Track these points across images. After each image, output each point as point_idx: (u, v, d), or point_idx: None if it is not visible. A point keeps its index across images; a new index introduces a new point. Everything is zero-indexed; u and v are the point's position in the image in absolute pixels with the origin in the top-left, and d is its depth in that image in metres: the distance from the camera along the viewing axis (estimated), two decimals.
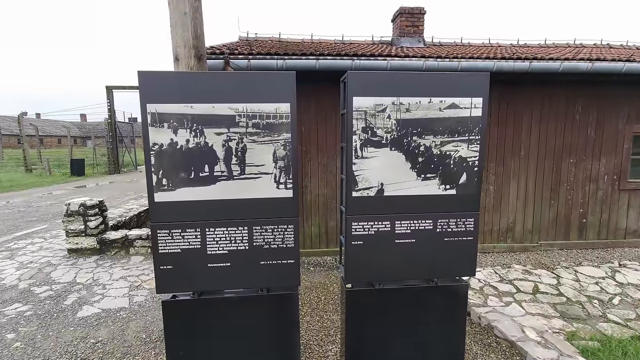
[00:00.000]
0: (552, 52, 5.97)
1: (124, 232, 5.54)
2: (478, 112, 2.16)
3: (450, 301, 2.34)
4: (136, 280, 4.43)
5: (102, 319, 3.50)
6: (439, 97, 2.12)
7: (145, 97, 1.90)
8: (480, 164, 2.23)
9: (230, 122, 1.98)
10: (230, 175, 2.03)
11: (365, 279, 2.30)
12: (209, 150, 1.99)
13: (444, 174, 2.21)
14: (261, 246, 2.10)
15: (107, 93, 16.26)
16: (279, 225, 2.09)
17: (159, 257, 2.04)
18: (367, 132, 2.12)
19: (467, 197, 2.25)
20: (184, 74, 1.97)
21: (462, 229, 2.26)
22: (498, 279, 4.44)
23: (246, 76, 2.00)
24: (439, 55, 4.93)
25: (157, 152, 1.96)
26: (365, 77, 2.08)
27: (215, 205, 2.03)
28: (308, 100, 5.05)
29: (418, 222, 2.23)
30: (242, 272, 2.11)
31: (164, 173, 1.98)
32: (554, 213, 5.63)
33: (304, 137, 5.12)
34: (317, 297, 3.97)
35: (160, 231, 2.02)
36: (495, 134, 5.39)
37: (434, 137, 2.17)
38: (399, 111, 2.12)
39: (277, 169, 2.05)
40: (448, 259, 2.28)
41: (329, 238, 5.37)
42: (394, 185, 2.18)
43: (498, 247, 5.61)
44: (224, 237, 2.07)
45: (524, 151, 5.45)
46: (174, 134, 1.95)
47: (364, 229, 2.20)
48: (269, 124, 2.01)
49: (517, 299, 3.89)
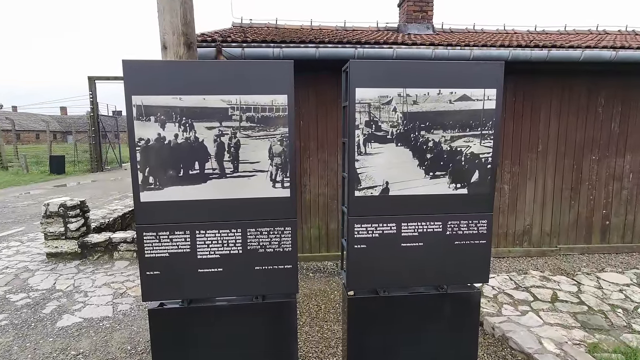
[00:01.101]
0: (572, 39, 5.96)
1: (108, 235, 5.54)
2: (492, 105, 2.16)
3: (461, 310, 2.34)
4: (120, 287, 4.44)
5: (83, 329, 3.51)
6: (449, 88, 2.12)
7: (131, 89, 1.90)
8: (494, 161, 2.22)
9: (222, 116, 1.98)
10: (223, 173, 2.03)
11: (368, 285, 2.29)
12: (200, 145, 1.99)
13: (454, 171, 2.20)
14: (256, 250, 2.10)
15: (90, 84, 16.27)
16: (275, 227, 2.09)
17: (145, 262, 2.04)
18: (370, 127, 2.12)
19: (480, 197, 2.24)
20: (173, 63, 1.97)
21: (474, 232, 2.26)
22: (513, 286, 4.44)
23: (240, 66, 1.99)
24: (449, 43, 4.93)
25: (143, 148, 1.95)
26: (369, 67, 2.07)
27: (206, 205, 2.03)
28: (307, 92, 5.05)
29: (426, 224, 2.23)
30: (235, 278, 2.11)
31: (151, 171, 1.98)
32: (574, 214, 5.63)
33: (303, 132, 5.13)
34: (317, 305, 3.97)
35: (146, 234, 2.02)
36: (510, 129, 5.38)
37: (444, 131, 2.16)
38: (406, 103, 2.12)
39: (273, 167, 2.05)
40: (459, 264, 2.28)
41: (330, 241, 5.38)
42: (400, 184, 2.18)
43: (513, 251, 5.62)
44: (215, 240, 2.07)
45: (541, 147, 5.45)
46: (161, 128, 1.95)
47: (368, 232, 2.19)
48: (264, 118, 2.01)
49: (534, 307, 3.90)
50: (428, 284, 2.33)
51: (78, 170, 17.09)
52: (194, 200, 2.02)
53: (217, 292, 2.14)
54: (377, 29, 7.02)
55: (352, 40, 4.86)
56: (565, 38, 6.17)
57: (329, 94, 5.07)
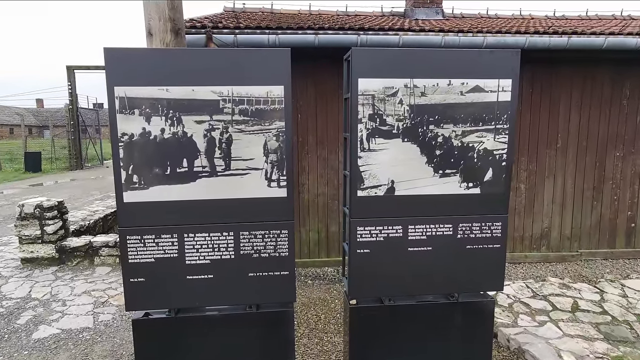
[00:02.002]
0: (594, 25, 5.96)
1: (88, 239, 5.54)
2: (507, 97, 2.16)
3: (474, 320, 2.35)
4: (102, 295, 4.44)
5: (61, 340, 3.51)
6: (460, 78, 2.12)
7: (113, 79, 1.90)
8: (509, 158, 2.22)
9: (213, 109, 1.98)
10: (213, 171, 2.03)
11: (372, 293, 2.30)
12: (188, 141, 1.99)
13: (466, 169, 2.21)
14: (249, 255, 2.10)
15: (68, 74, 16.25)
16: (270, 230, 2.09)
17: (128, 268, 2.04)
18: (375, 120, 2.12)
19: (494, 197, 2.24)
20: (159, 51, 1.98)
21: (488, 235, 2.27)
22: (530, 294, 4.45)
23: (232, 54, 1.99)
24: (460, 30, 4.93)
25: (127, 143, 1.95)
26: (372, 55, 2.07)
27: (195, 206, 2.03)
28: (305, 83, 5.04)
29: (435, 226, 2.23)
30: (227, 285, 2.11)
31: (135, 168, 1.98)
32: (596, 216, 5.64)
33: (301, 126, 5.13)
34: (316, 315, 3.98)
35: (130, 237, 2.02)
36: (526, 123, 5.39)
37: (455, 125, 2.17)
38: (413, 95, 2.12)
39: (268, 164, 2.05)
40: (471, 270, 2.28)
41: (330, 246, 5.38)
42: (406, 182, 2.18)
43: (530, 256, 5.63)
44: (205, 244, 2.07)
45: (561, 143, 5.45)
46: (146, 122, 1.95)
47: (372, 235, 2.20)
48: (258, 111, 2.01)
49: (553, 317, 3.91)
50: (437, 292, 2.34)
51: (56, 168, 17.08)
52: (182, 200, 2.02)
53: (207, 301, 2.13)
54: (382, 14, 7.02)
55: (354, 26, 4.86)
56: (586, 24, 6.17)
57: (330, 84, 5.07)
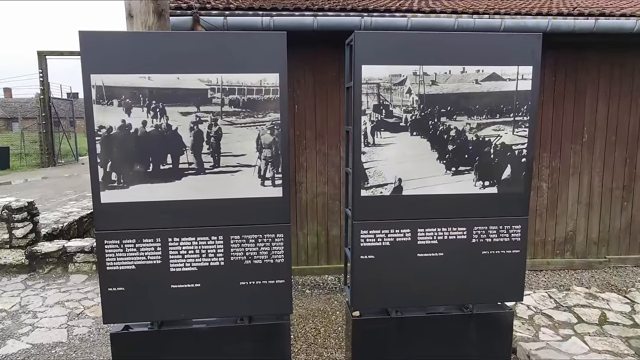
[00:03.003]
0: (624, 5, 5.96)
1: (61, 244, 5.54)
2: (527, 85, 2.16)
3: (490, 334, 2.35)
4: (77, 306, 4.44)
5: (32, 357, 3.51)
6: (475, 65, 2.12)
7: (89, 66, 1.90)
8: (530, 154, 2.23)
9: (200, 99, 1.98)
10: (201, 169, 2.03)
11: (377, 304, 2.30)
12: (173, 135, 1.99)
13: (481, 166, 2.21)
14: (241, 262, 2.10)
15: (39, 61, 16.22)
16: (264, 234, 2.10)
17: (106, 276, 2.04)
18: (380, 112, 2.12)
19: (513, 197, 2.25)
20: (140, 34, 1.98)
21: (506, 239, 2.27)
22: (553, 304, 4.46)
23: (222, 38, 2.00)
24: (475, 11, 4.92)
25: (105, 137, 1.96)
26: (378, 40, 2.07)
27: (180, 207, 2.03)
28: (303, 70, 5.04)
29: (447, 229, 2.23)
30: (215, 295, 2.11)
31: (114, 165, 1.98)
32: (627, 218, 5.64)
33: (298, 119, 5.12)
34: (315, 328, 3.98)
35: (108, 242, 2.02)
36: (549, 115, 5.38)
37: (469, 117, 2.17)
38: (423, 84, 2.12)
39: (262, 160, 2.05)
40: (487, 278, 2.29)
41: (331, 251, 5.39)
42: (415, 181, 2.18)
43: (553, 263, 5.63)
44: (192, 249, 2.07)
45: (587, 137, 5.45)
46: (126, 113, 1.95)
47: (377, 239, 2.20)
48: (251, 101, 2.01)
49: (579, 331, 3.91)
50: (449, 302, 2.34)
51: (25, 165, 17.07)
52: (166, 201, 2.02)
53: (194, 313, 2.13)
54: None
55: (357, 7, 4.85)
56: (615, 4, 6.16)
57: (330, 72, 5.07)
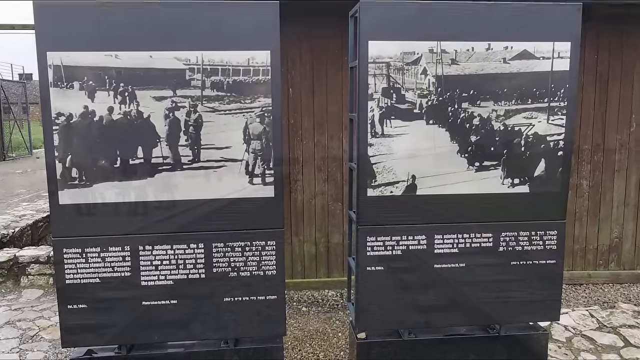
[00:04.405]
0: None
1: (12, 252, 5.51)
2: (564, 65, 2.13)
3: (521, 359, 2.34)
4: (31, 326, 4.41)
5: None
6: (502, 41, 2.10)
7: (45, 42, 1.88)
8: (568, 146, 2.21)
9: (177, 81, 1.96)
10: (178, 164, 2.01)
11: (386, 325, 2.29)
12: (144, 123, 1.97)
13: (510, 161, 2.19)
14: (225, 274, 2.09)
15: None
16: (253, 241, 2.08)
17: (66, 291, 2.02)
18: (390, 96, 2.10)
19: (547, 197, 2.23)
20: (105, 4, 1.95)
21: (539, 247, 2.25)
22: (595, 325, 4.44)
23: (203, 8, 1.96)
24: None
25: (64, 126, 1.93)
26: (387, 11, 2.04)
27: (154, 209, 2.02)
28: (299, 47, 5.00)
29: (470, 236, 2.21)
30: (195, 314, 2.10)
31: (75, 160, 1.96)
32: None
33: (293, 104, 5.09)
34: (313, 353, 3.96)
35: (68, 250, 1.99)
36: (590, 100, 5.35)
37: (495, 103, 2.14)
38: (441, 63, 2.09)
39: (250, 154, 2.04)
40: (517, 294, 2.27)
41: (332, 261, 5.36)
42: (431, 178, 2.16)
43: (595, 275, 5.61)
44: (167, 259, 2.05)
45: (635, 126, 5.43)
46: (89, 98, 1.93)
47: (386, 247, 2.18)
48: (237, 84, 1.99)
49: (625, 356, 3.89)
50: (472, 322, 2.33)
51: None
52: (136, 202, 2.01)
53: (170, 335, 2.12)
54: None
55: None
56: None
57: (331, 49, 5.03)
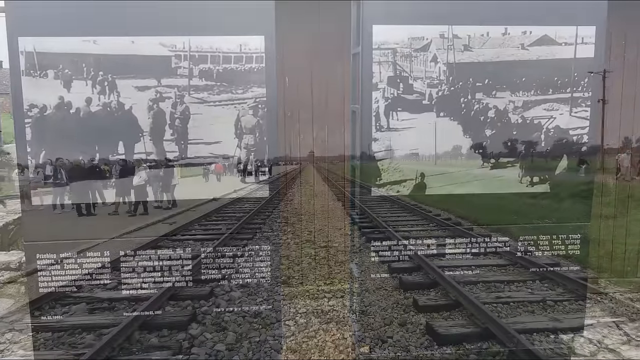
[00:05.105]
0: None
1: None
2: (588, 52, 2.14)
3: None
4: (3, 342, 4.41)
5: None
6: (520, 25, 2.10)
7: (16, 26, 1.89)
8: (592, 141, 2.23)
9: (162, 69, 1.96)
10: (163, 160, 2.02)
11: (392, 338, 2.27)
12: (126, 116, 1.98)
13: (529, 157, 2.19)
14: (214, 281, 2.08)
15: None
16: (245, 245, 2.10)
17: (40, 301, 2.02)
18: (397, 86, 2.10)
19: (570, 197, 2.24)
20: None
21: (561, 252, 2.25)
22: (623, 338, 4.42)
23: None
24: None
25: (37, 119, 1.93)
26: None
27: (136, 210, 2.04)
28: (296, 31, 5.01)
29: (485, 240, 2.21)
30: None
31: (49, 156, 1.97)
32: None
33: (289, 95, 5.08)
34: None
35: (41, 256, 1.98)
36: (618, 90, 5.35)
37: (512, 94, 2.14)
38: (452, 49, 2.10)
39: (242, 149, 2.04)
40: (536, 303, 2.29)
41: (333, 267, 5.37)
42: (442, 177, 2.17)
43: (623, 283, 5.62)
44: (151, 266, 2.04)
45: None
46: (65, 88, 1.94)
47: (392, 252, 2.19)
48: (228, 72, 1.99)
49: None
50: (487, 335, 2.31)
51: None
52: (117, 202, 2.03)
53: None
54: None
55: None
56: None
57: (332, 34, 5.03)
